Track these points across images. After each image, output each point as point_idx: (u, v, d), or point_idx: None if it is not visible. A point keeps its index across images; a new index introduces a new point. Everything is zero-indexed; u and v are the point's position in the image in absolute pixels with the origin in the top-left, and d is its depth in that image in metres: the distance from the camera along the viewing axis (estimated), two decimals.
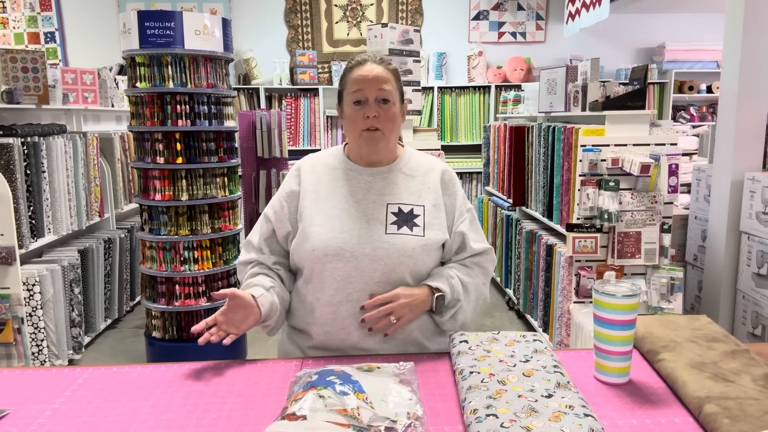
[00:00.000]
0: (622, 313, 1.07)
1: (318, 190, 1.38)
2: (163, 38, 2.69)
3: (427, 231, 1.34)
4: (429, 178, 1.41)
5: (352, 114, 1.34)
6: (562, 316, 2.83)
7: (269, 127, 3.30)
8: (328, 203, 1.36)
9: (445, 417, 1.01)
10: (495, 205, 4.29)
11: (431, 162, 1.45)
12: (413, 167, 1.42)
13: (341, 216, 1.34)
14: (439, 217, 1.37)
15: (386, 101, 1.33)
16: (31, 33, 5.64)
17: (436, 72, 5.81)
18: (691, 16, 5.89)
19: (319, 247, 1.30)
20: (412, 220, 1.34)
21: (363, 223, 1.33)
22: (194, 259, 2.88)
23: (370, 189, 1.37)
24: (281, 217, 1.40)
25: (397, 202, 1.36)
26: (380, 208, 1.35)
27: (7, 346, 2.65)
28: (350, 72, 1.36)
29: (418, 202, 1.37)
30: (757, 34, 2.64)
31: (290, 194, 1.40)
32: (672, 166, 2.50)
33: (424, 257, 1.34)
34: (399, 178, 1.40)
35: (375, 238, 1.31)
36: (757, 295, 2.62)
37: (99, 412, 1.05)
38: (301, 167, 1.44)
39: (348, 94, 1.35)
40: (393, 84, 1.35)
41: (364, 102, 1.33)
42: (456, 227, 1.40)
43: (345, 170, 1.40)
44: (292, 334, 1.42)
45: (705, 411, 0.95)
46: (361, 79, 1.33)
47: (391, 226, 1.33)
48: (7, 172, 2.76)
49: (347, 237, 1.31)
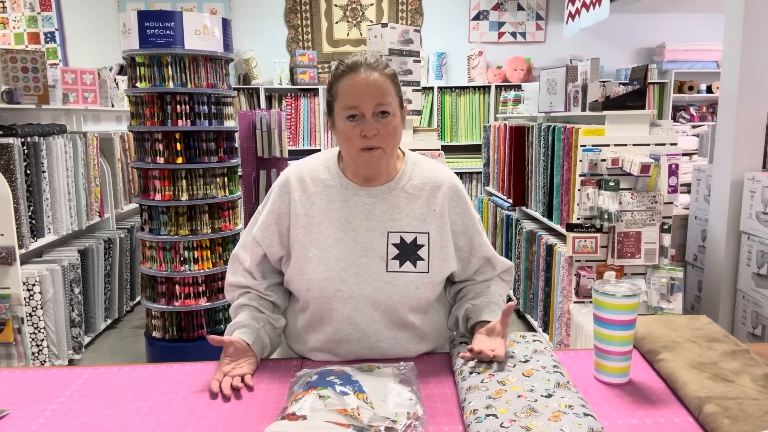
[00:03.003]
0: (622, 313, 1.07)
1: (310, 215, 1.24)
2: (163, 38, 2.69)
3: (432, 265, 1.23)
4: (435, 199, 1.25)
5: (347, 131, 1.16)
6: (562, 316, 2.83)
7: (269, 127, 3.30)
8: (323, 231, 1.23)
9: (445, 417, 1.00)
10: (495, 205, 4.29)
11: (437, 175, 1.28)
12: (416, 184, 1.26)
13: (337, 247, 1.21)
14: (445, 246, 1.25)
15: (386, 114, 1.16)
16: (31, 33, 5.64)
17: (436, 72, 5.81)
18: (691, 16, 5.89)
19: (315, 287, 1.21)
20: (416, 252, 1.22)
21: (361, 256, 1.21)
22: (194, 259, 2.88)
23: (369, 214, 1.23)
24: (273, 242, 1.27)
25: (399, 230, 1.22)
26: (380, 239, 1.22)
27: (7, 346, 2.65)
28: (340, 80, 1.17)
29: (422, 229, 1.23)
30: (757, 34, 2.64)
31: (280, 215, 1.26)
32: (672, 166, 2.50)
33: (428, 294, 1.24)
34: (401, 199, 1.24)
35: (374, 276, 1.20)
36: (757, 295, 2.62)
37: (99, 412, 1.05)
38: (290, 182, 1.27)
39: (340, 108, 1.17)
40: (392, 92, 1.18)
41: (359, 117, 1.15)
42: (478, 251, 1.30)
43: (340, 189, 1.24)
44: (291, 352, 1.36)
45: (705, 411, 0.95)
46: (355, 91, 1.15)
47: (392, 261, 1.21)
48: (7, 172, 2.76)
49: (344, 276, 1.20)
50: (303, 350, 1.32)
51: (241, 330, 1.23)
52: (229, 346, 1.18)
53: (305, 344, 1.30)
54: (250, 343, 1.21)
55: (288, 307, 1.36)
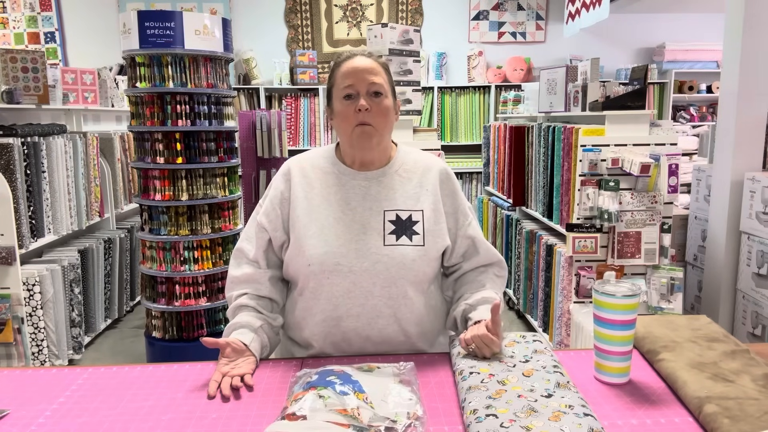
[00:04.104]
0: (622, 313, 1.07)
1: (310, 197, 1.31)
2: (163, 38, 2.69)
3: (428, 239, 1.28)
4: (427, 180, 1.34)
5: (343, 110, 1.26)
6: (562, 316, 2.83)
7: (269, 127, 3.30)
8: (322, 212, 1.29)
9: (445, 417, 1.00)
10: (495, 205, 4.29)
11: (428, 161, 1.38)
12: (409, 168, 1.35)
13: (336, 226, 1.27)
14: (439, 222, 1.31)
15: (378, 94, 1.26)
16: (31, 33, 5.64)
17: (436, 72, 5.81)
18: (691, 16, 5.89)
19: (316, 262, 1.25)
20: (411, 227, 1.28)
21: (359, 233, 1.27)
22: (194, 259, 2.88)
23: (365, 195, 1.30)
24: (276, 226, 1.32)
25: (395, 208, 1.29)
26: (377, 216, 1.28)
27: (7, 346, 2.65)
28: (339, 67, 1.29)
29: (416, 207, 1.30)
30: (757, 34, 2.64)
31: (282, 200, 1.32)
32: (672, 166, 2.50)
33: (425, 268, 1.28)
34: (395, 181, 1.33)
35: (373, 250, 1.25)
36: (757, 295, 2.62)
37: (99, 412, 1.05)
38: (291, 170, 1.35)
39: (338, 90, 1.28)
40: (384, 77, 1.29)
41: (355, 96, 1.25)
42: (463, 230, 1.35)
43: (338, 174, 1.33)
44: (291, 346, 1.38)
45: (705, 411, 0.95)
46: (350, 72, 1.26)
47: (389, 236, 1.27)
48: (7, 172, 2.76)
49: (344, 250, 1.25)
50: (301, 336, 1.33)
51: (238, 331, 1.25)
52: (225, 347, 1.19)
53: (304, 329, 1.31)
54: (247, 343, 1.22)
55: (285, 302, 1.39)
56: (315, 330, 1.29)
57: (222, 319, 3.00)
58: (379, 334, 1.28)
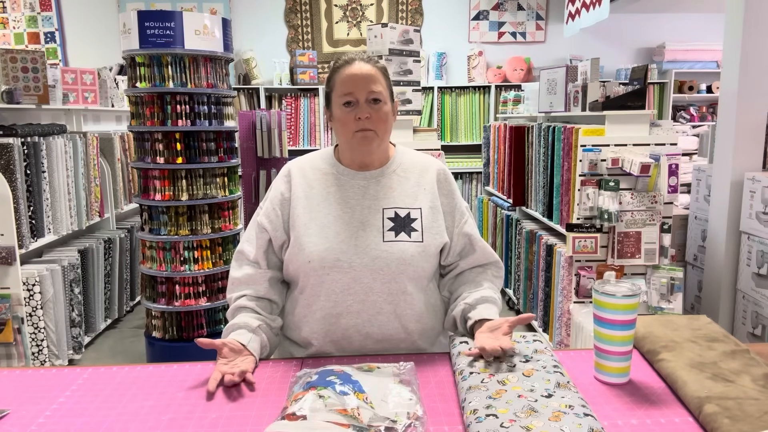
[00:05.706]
0: (622, 313, 1.07)
1: (310, 197, 1.33)
2: (163, 38, 2.69)
3: (426, 235, 1.30)
4: (424, 179, 1.36)
5: (343, 116, 1.28)
6: (562, 316, 2.83)
7: (269, 127, 3.29)
8: (322, 210, 1.31)
9: (445, 417, 1.00)
10: (495, 205, 4.29)
11: (425, 161, 1.40)
12: (407, 168, 1.37)
13: (336, 223, 1.29)
14: (437, 219, 1.33)
15: (377, 101, 1.28)
16: (31, 33, 5.64)
17: (436, 72, 5.81)
18: (691, 16, 5.89)
19: (316, 258, 1.26)
20: (410, 224, 1.30)
21: (359, 230, 1.29)
22: (194, 259, 2.88)
23: (364, 194, 1.33)
24: (277, 226, 1.33)
25: (393, 206, 1.31)
26: (376, 214, 1.30)
27: (7, 346, 2.65)
28: (337, 72, 1.30)
29: (414, 205, 1.32)
30: (757, 34, 2.64)
31: (283, 201, 1.34)
32: (672, 166, 2.50)
33: (424, 264, 1.30)
34: (393, 180, 1.35)
35: (372, 246, 1.27)
36: (757, 295, 2.62)
37: (99, 412, 1.04)
38: (291, 171, 1.37)
39: (337, 96, 1.29)
40: (383, 83, 1.30)
41: (354, 103, 1.27)
42: (459, 228, 1.36)
43: (337, 175, 1.35)
44: (290, 346, 1.38)
45: (705, 411, 0.95)
46: (350, 79, 1.27)
47: (388, 232, 1.29)
48: (7, 172, 2.76)
49: (344, 247, 1.27)
50: (301, 336, 1.33)
51: (236, 332, 1.25)
52: (221, 347, 1.19)
53: (304, 328, 1.32)
54: (244, 343, 1.22)
55: (285, 304, 1.39)
56: (315, 328, 1.30)
57: (222, 319, 3.00)
58: (379, 331, 1.28)
